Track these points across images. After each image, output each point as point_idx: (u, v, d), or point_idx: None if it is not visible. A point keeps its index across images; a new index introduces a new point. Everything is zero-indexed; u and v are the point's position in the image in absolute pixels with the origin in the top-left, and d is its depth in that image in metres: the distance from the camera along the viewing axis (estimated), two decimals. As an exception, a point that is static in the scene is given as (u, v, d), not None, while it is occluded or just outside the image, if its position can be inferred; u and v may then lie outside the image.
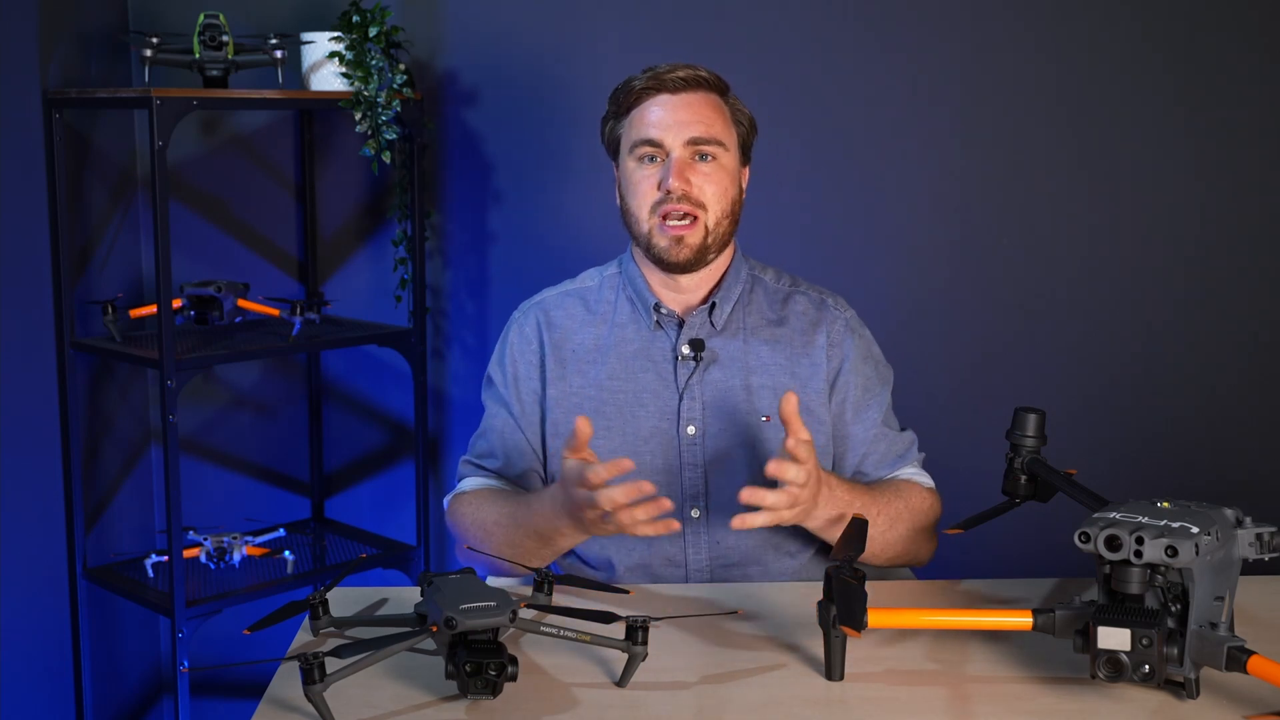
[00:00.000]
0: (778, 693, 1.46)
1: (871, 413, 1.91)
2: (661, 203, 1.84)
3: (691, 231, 1.84)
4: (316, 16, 2.81)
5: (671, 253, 1.85)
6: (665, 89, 1.86)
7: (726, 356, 1.90)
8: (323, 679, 1.35)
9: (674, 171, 1.82)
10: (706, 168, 1.85)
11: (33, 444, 2.57)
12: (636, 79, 1.88)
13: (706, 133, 1.84)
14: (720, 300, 1.91)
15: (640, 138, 1.85)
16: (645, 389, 1.89)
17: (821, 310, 1.94)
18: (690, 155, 1.84)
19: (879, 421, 1.92)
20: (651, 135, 1.84)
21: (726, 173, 1.87)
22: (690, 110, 1.85)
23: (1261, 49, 2.86)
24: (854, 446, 1.91)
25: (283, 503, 3.07)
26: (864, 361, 1.93)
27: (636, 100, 1.87)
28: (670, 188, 1.82)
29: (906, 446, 1.94)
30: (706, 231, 1.85)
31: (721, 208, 1.86)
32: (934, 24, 2.87)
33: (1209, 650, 1.39)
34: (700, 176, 1.84)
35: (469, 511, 1.89)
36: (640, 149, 1.85)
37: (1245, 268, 2.92)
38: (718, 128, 1.86)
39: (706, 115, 1.85)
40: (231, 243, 2.97)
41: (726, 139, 1.87)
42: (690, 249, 1.84)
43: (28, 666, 2.56)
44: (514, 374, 1.95)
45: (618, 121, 1.91)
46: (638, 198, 1.86)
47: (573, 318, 1.95)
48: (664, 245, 1.85)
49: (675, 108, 1.85)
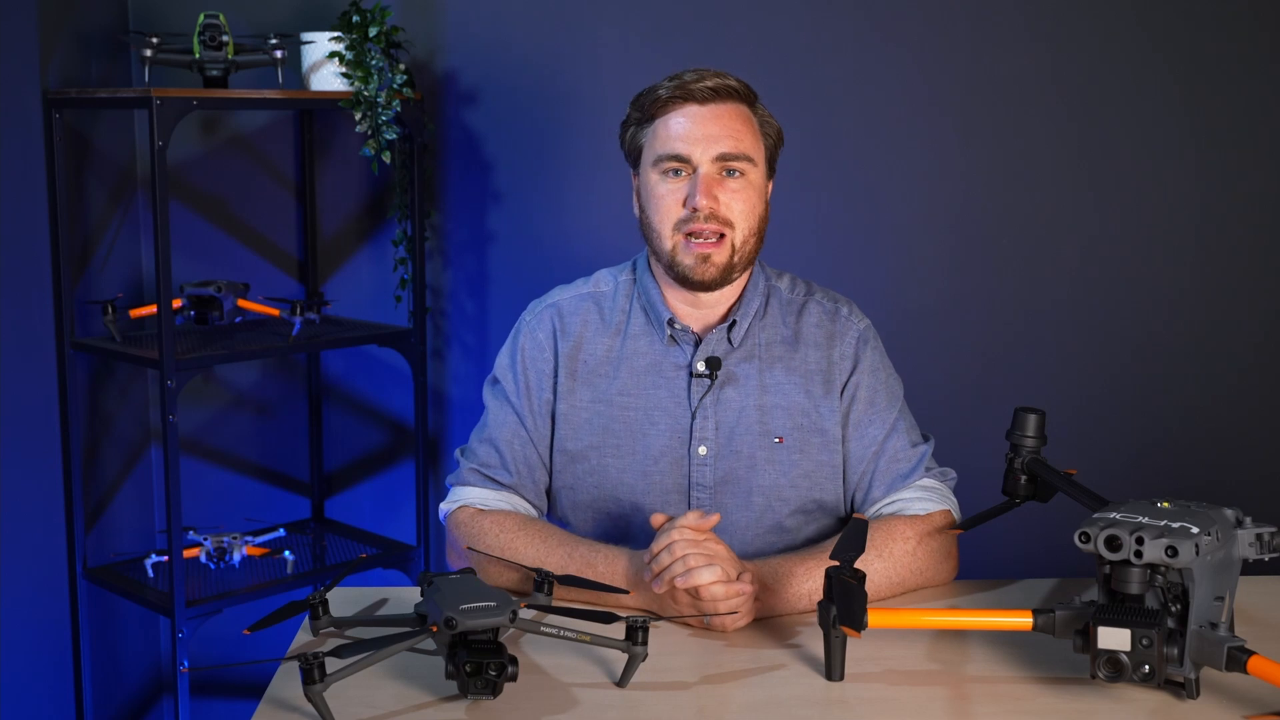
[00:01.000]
0: (778, 693, 1.46)
1: (873, 430, 1.84)
2: (687, 220, 1.77)
3: (718, 250, 1.78)
4: (316, 16, 2.81)
5: (696, 272, 1.78)
6: (693, 99, 1.78)
7: (742, 376, 1.84)
8: (323, 679, 1.35)
9: (701, 189, 1.75)
10: (735, 184, 1.78)
11: (33, 444, 2.57)
12: (663, 87, 1.80)
13: (735, 148, 1.77)
14: (740, 317, 1.85)
15: (666, 152, 1.78)
16: (657, 406, 1.84)
17: (835, 321, 1.88)
18: (718, 171, 1.77)
19: (879, 439, 1.84)
20: (678, 150, 1.77)
21: (754, 189, 1.80)
22: (719, 123, 1.77)
23: (1262, 49, 2.86)
24: (853, 464, 1.85)
25: (283, 503, 3.07)
26: (871, 375, 1.86)
27: (662, 109, 1.79)
28: (698, 205, 1.75)
29: (909, 465, 1.84)
30: (734, 250, 1.78)
31: (749, 225, 1.79)
32: (936, 24, 2.86)
33: (1209, 650, 1.39)
34: (728, 193, 1.77)
35: (493, 531, 1.79)
36: (665, 163, 1.78)
37: (1245, 268, 2.92)
38: (746, 142, 1.78)
39: (735, 129, 1.78)
40: (231, 243, 2.97)
41: (755, 153, 1.80)
42: (717, 268, 1.78)
43: (28, 666, 2.56)
44: (526, 383, 1.88)
45: (640, 129, 1.83)
46: (660, 213, 1.79)
47: (587, 325, 1.88)
48: (689, 264, 1.78)
49: (703, 120, 1.77)
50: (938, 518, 1.80)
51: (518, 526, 1.79)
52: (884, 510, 1.83)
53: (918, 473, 1.84)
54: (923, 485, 1.83)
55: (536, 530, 1.79)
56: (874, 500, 1.84)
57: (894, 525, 1.77)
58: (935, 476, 1.85)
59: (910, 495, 1.83)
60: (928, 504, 1.82)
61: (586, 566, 1.71)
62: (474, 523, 1.82)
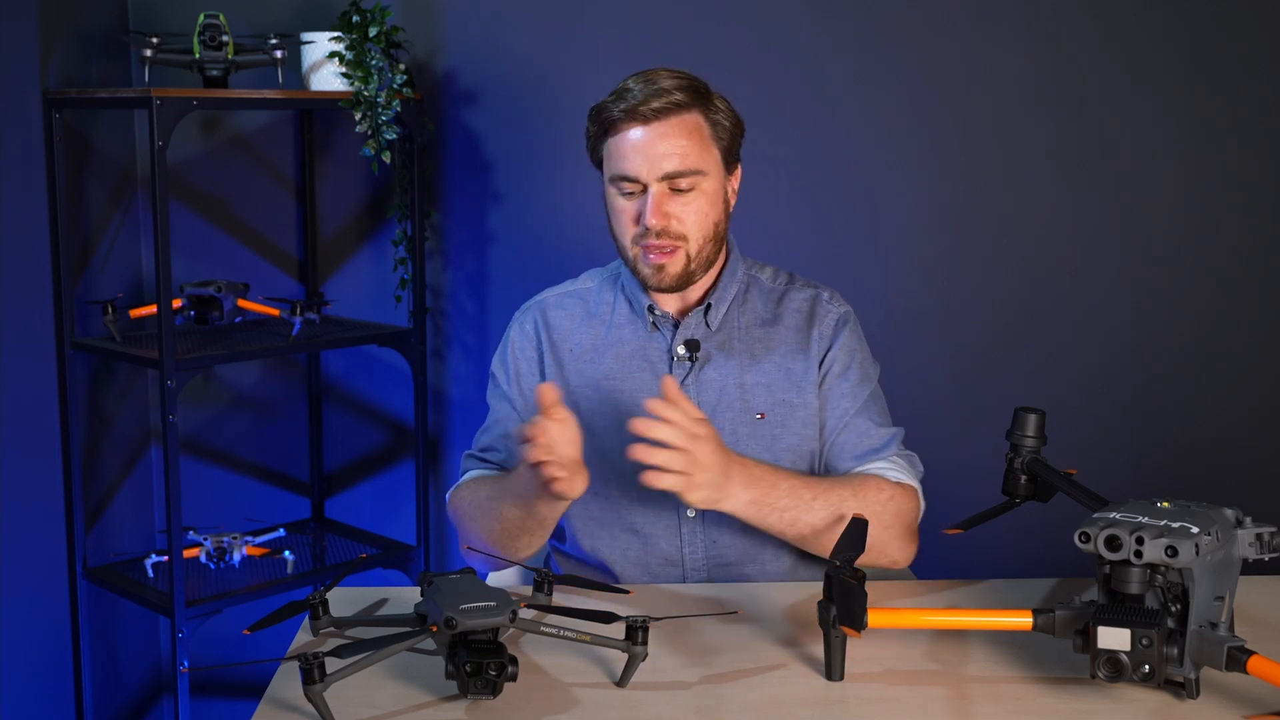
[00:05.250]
0: (778, 693, 1.46)
1: (845, 402, 1.90)
2: (643, 235, 1.84)
3: (672, 260, 1.85)
4: (316, 16, 2.81)
5: (654, 279, 1.87)
6: (637, 120, 1.83)
7: (721, 356, 1.91)
8: (323, 679, 1.35)
9: (652, 209, 1.82)
10: (685, 198, 1.84)
11: (33, 444, 2.57)
12: (611, 106, 1.85)
13: (681, 165, 1.82)
14: (715, 301, 1.92)
15: (616, 173, 1.85)
16: (642, 389, 1.89)
17: (815, 305, 1.94)
18: (667, 189, 1.83)
19: (850, 412, 1.89)
20: (627, 171, 1.83)
21: (706, 197, 1.85)
22: (665, 141, 1.82)
23: (1262, 49, 2.86)
24: (825, 435, 1.90)
25: (283, 503, 3.07)
26: (846, 353, 1.92)
27: (613, 128, 1.85)
28: (649, 224, 1.82)
29: (881, 441, 1.89)
30: (689, 259, 1.86)
31: (703, 234, 1.86)
32: (935, 23, 2.86)
33: (1209, 650, 1.39)
34: (679, 206, 1.83)
35: (466, 495, 1.89)
36: (618, 182, 1.85)
37: (1245, 268, 2.92)
38: (693, 157, 1.83)
39: (681, 146, 1.82)
40: (231, 243, 2.97)
41: (705, 163, 1.84)
42: (672, 276, 1.86)
43: (28, 666, 2.56)
44: (515, 370, 1.97)
45: (599, 141, 1.90)
46: (619, 227, 1.88)
47: (571, 318, 1.97)
48: (647, 273, 1.87)
49: (650, 141, 1.82)
50: (908, 489, 1.86)
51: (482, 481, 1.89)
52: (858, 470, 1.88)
53: (888, 450, 1.89)
54: (893, 460, 1.89)
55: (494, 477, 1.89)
56: (846, 469, 1.89)
57: (867, 480, 1.84)
58: (905, 459, 1.91)
59: (881, 464, 1.88)
60: (898, 474, 1.87)
61: (513, 478, 1.79)
62: (457, 494, 1.92)
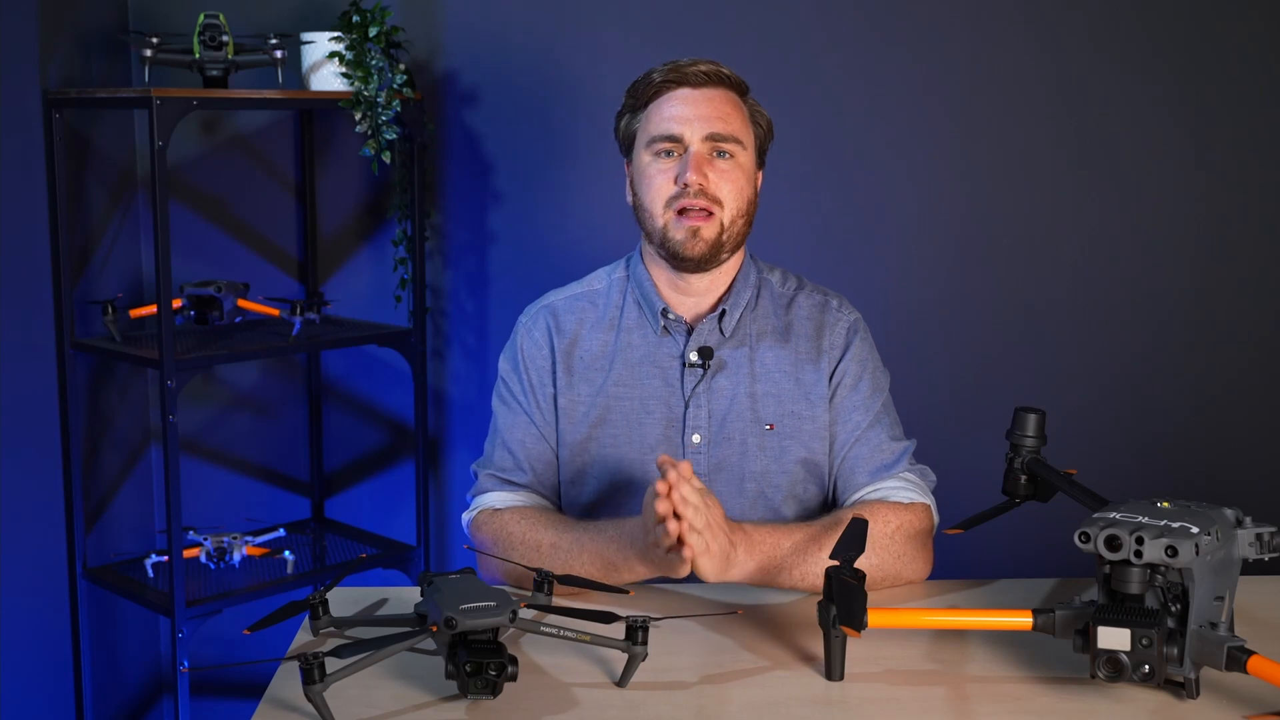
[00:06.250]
0: (778, 693, 1.46)
1: (857, 415, 1.87)
2: (678, 197, 1.82)
3: (708, 225, 1.82)
4: (316, 16, 2.81)
5: (686, 247, 1.82)
6: (686, 83, 1.84)
7: (733, 364, 1.88)
8: (323, 679, 1.35)
9: (692, 166, 1.80)
10: (724, 164, 1.83)
11: (33, 444, 2.57)
12: (656, 71, 1.86)
13: (726, 129, 1.82)
14: (730, 307, 1.89)
15: (659, 132, 1.83)
16: (652, 396, 1.87)
17: (825, 313, 1.92)
18: (709, 151, 1.82)
19: (862, 426, 1.87)
20: (671, 130, 1.82)
21: (743, 171, 1.85)
22: (711, 105, 1.83)
23: (1262, 49, 2.86)
24: (836, 449, 1.88)
25: (283, 503, 3.07)
26: (858, 364, 1.89)
27: (656, 94, 1.85)
28: (688, 181, 1.80)
29: (893, 457, 1.85)
30: (722, 228, 1.83)
31: (738, 206, 1.84)
32: (935, 23, 2.87)
33: (1209, 650, 1.39)
34: (718, 173, 1.82)
35: (518, 530, 1.80)
36: (658, 144, 1.83)
37: (1245, 268, 2.92)
38: (736, 125, 1.84)
39: (726, 111, 1.84)
40: (231, 243, 2.97)
41: (745, 138, 1.86)
42: (705, 243, 1.82)
43: (28, 666, 2.56)
44: (529, 381, 1.91)
45: (634, 116, 1.89)
46: (652, 191, 1.84)
47: (581, 322, 1.93)
48: (679, 239, 1.82)
49: (696, 102, 1.83)
50: (919, 509, 1.82)
51: (542, 520, 1.80)
52: (868, 497, 1.84)
53: (900, 465, 1.86)
54: (905, 477, 1.85)
55: (561, 520, 1.81)
56: (857, 486, 1.86)
57: (875, 509, 1.79)
58: (916, 473, 1.87)
59: (893, 484, 1.84)
60: (910, 494, 1.83)
61: (606, 540, 1.72)
62: (494, 520, 1.83)
